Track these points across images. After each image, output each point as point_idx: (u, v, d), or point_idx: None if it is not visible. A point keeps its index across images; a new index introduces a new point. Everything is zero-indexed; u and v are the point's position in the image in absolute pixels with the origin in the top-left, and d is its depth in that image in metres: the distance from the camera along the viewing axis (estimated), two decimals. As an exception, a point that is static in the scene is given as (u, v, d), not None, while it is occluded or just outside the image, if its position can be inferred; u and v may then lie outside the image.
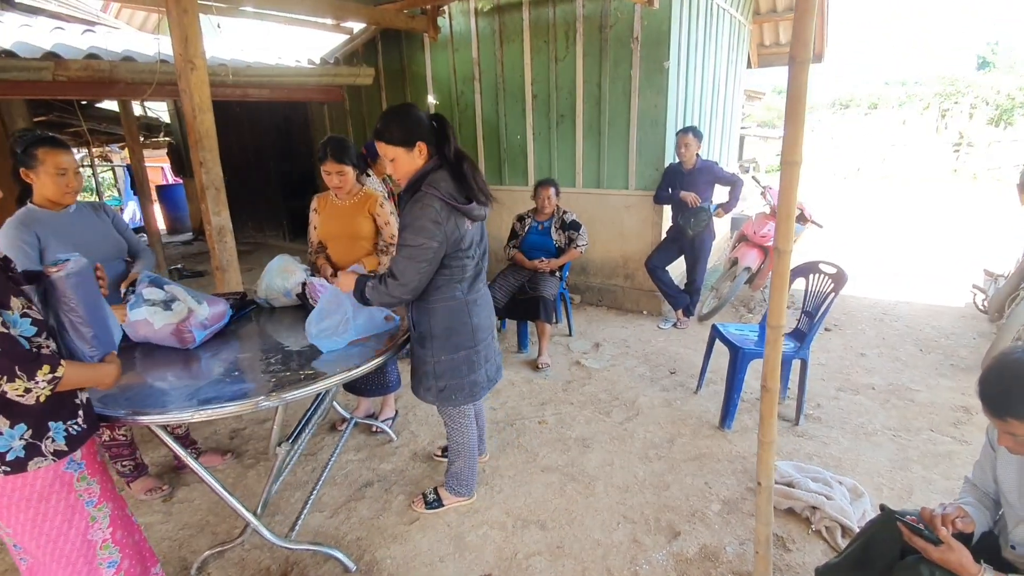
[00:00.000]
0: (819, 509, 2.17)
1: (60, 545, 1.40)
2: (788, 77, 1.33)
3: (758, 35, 7.40)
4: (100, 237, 2.16)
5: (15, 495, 1.31)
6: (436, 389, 2.06)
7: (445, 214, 1.78)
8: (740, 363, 2.85)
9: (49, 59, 3.28)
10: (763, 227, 4.60)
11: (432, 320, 1.96)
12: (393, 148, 1.83)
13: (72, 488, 1.39)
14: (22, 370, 1.18)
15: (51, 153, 1.95)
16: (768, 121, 28.24)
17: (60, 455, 1.34)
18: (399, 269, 1.81)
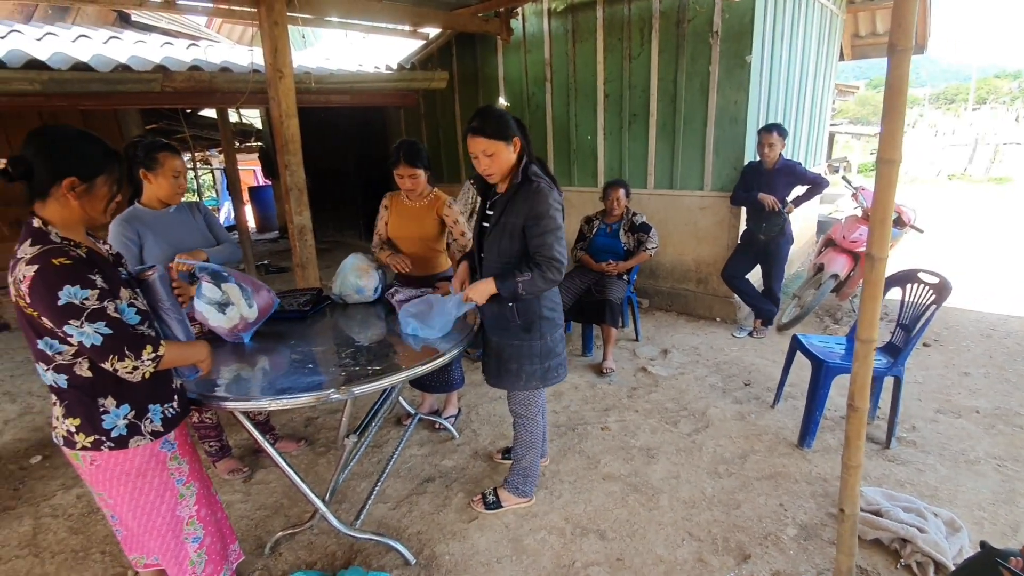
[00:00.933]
0: (910, 542, 1.97)
1: (152, 519, 1.52)
2: (888, 67, 1.21)
3: (852, 25, 6.89)
4: (193, 235, 2.32)
5: (116, 469, 1.44)
6: (542, 371, 2.12)
7: (560, 197, 1.97)
8: (824, 378, 2.64)
9: (158, 71, 3.62)
10: (854, 231, 4.26)
11: (541, 302, 2.07)
12: (494, 143, 1.91)
13: (165, 466, 1.50)
14: (130, 350, 1.30)
15: (170, 157, 2.16)
16: (862, 117, 26.27)
17: (156, 435, 1.47)
18: (557, 252, 1.91)
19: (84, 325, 1.25)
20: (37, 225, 1.31)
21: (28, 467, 2.80)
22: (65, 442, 1.41)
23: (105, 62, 3.52)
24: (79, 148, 1.33)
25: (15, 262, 1.27)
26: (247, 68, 4.02)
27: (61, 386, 1.37)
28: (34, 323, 1.30)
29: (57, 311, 1.24)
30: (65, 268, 1.25)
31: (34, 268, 1.23)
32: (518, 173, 1.95)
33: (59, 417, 1.41)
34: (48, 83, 3.25)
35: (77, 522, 2.36)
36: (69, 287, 1.24)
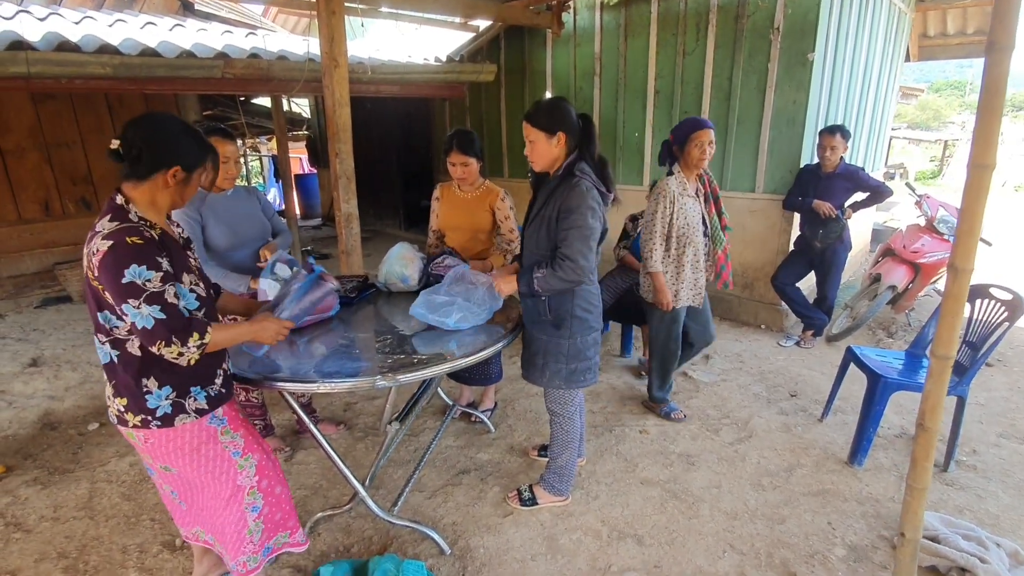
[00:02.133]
0: (969, 572, 1.86)
1: (214, 488, 1.58)
2: (985, 66, 1.13)
3: (921, 24, 6.53)
4: (249, 218, 2.39)
5: (170, 445, 1.49)
6: (567, 371, 2.09)
7: (599, 198, 1.93)
8: (880, 393, 2.52)
9: (219, 58, 3.73)
10: (915, 241, 4.05)
11: (574, 302, 2.03)
12: (536, 131, 1.95)
13: (217, 440, 1.55)
14: (177, 337, 1.33)
15: (220, 142, 2.18)
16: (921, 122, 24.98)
17: (201, 413, 1.51)
18: (575, 250, 1.88)
19: (141, 306, 1.30)
20: (120, 202, 1.37)
21: (86, 433, 2.94)
22: (118, 420, 1.48)
23: (170, 48, 3.65)
24: (187, 140, 1.42)
25: (93, 235, 1.33)
26: (303, 57, 4.10)
27: (113, 361, 1.42)
28: (98, 295, 1.36)
29: (120, 288, 1.28)
30: (136, 247, 1.29)
31: (108, 243, 1.28)
32: (562, 167, 1.96)
33: (110, 396, 1.48)
34: (118, 67, 3.39)
35: (129, 488, 2.46)
36: (136, 266, 1.28)
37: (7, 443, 2.85)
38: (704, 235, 2.84)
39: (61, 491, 2.45)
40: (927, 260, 4.06)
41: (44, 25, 3.75)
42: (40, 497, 2.41)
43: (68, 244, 5.22)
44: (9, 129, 4.78)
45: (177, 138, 1.40)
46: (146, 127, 1.37)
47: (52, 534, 2.18)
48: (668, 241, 2.71)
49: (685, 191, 2.69)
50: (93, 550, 2.10)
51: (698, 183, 2.83)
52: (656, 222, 2.66)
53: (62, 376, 3.60)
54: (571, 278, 1.91)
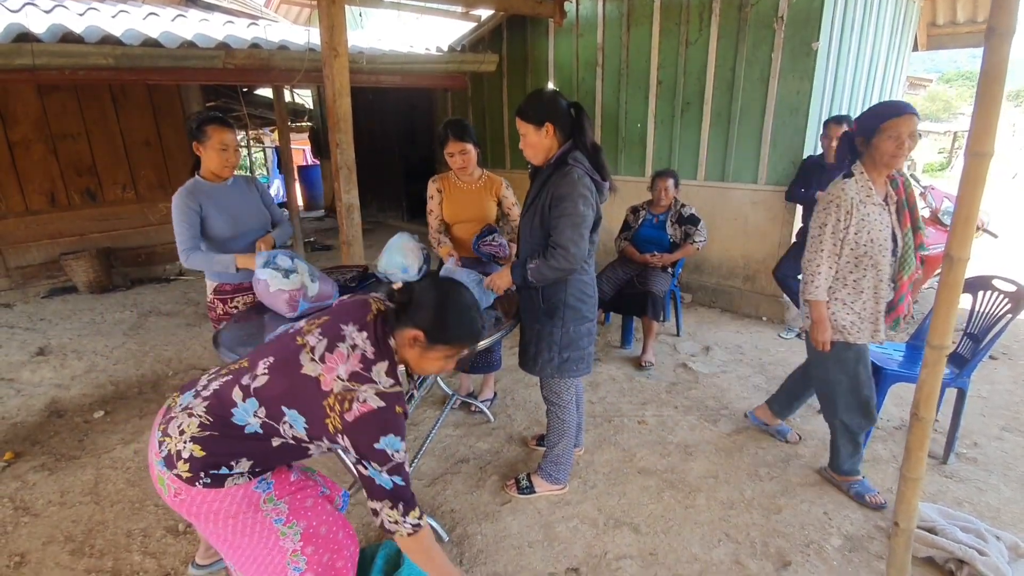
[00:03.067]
0: (968, 564, 1.86)
1: (252, 553, 1.39)
2: (984, 53, 1.12)
3: (930, 12, 6.43)
4: (250, 208, 2.39)
5: (204, 508, 1.33)
6: (559, 360, 2.09)
7: (591, 185, 1.91)
8: (880, 385, 2.51)
9: (220, 49, 3.73)
10: (919, 233, 4.02)
11: (567, 291, 2.03)
12: (525, 124, 1.97)
13: (259, 508, 1.37)
14: (405, 508, 1.33)
15: (217, 130, 2.20)
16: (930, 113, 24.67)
17: (254, 475, 1.36)
18: (567, 238, 1.88)
19: (384, 473, 1.29)
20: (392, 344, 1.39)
21: (91, 421, 2.98)
22: (166, 460, 1.31)
23: (172, 39, 3.65)
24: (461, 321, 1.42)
25: (361, 376, 1.29)
26: (303, 47, 4.10)
27: (244, 433, 1.31)
28: (315, 414, 1.28)
29: (371, 451, 1.27)
30: (399, 420, 1.30)
31: (381, 403, 1.27)
32: (555, 157, 1.96)
33: (184, 432, 1.30)
34: (121, 58, 3.41)
35: (134, 475, 2.50)
36: (393, 437, 1.29)
37: (15, 430, 2.90)
38: (892, 254, 2.16)
39: (68, 477, 2.49)
40: (931, 252, 4.02)
41: (50, 17, 3.77)
42: (47, 482, 2.45)
43: (74, 235, 5.26)
44: (16, 121, 4.80)
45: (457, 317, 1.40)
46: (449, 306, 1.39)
47: (59, 518, 2.22)
48: (841, 261, 2.12)
49: (869, 198, 2.05)
50: (99, 534, 2.13)
51: (888, 187, 2.14)
52: (824, 237, 2.08)
53: (68, 365, 3.64)
54: (563, 266, 1.91)
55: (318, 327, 1.39)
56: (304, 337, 1.37)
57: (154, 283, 5.56)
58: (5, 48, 3.12)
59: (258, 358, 1.38)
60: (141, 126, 5.40)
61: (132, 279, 5.52)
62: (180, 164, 5.51)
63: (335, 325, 1.38)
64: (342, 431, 1.27)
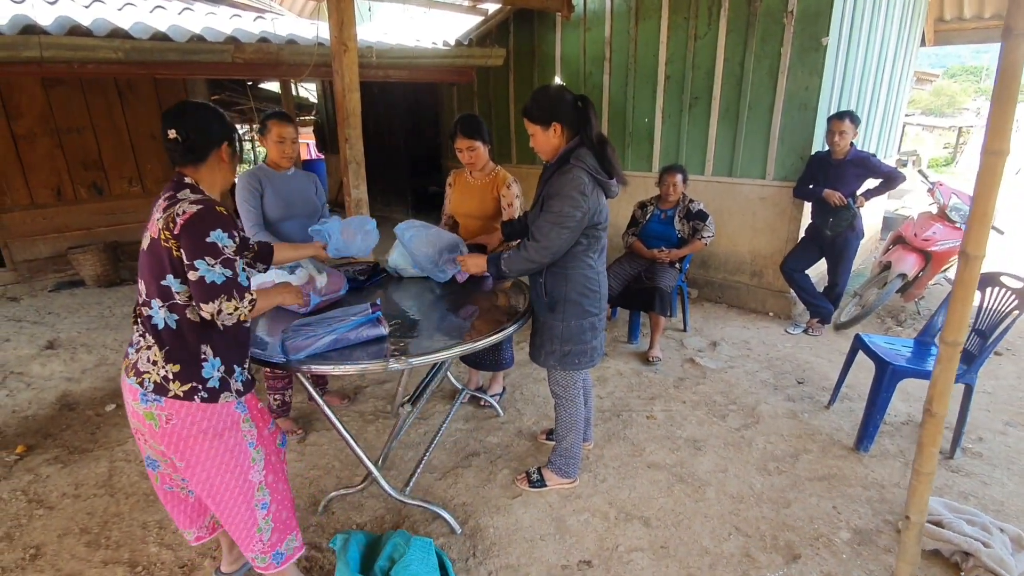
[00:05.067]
0: (973, 556, 1.88)
1: (226, 480, 1.54)
2: (1001, 52, 1.12)
3: (937, 8, 6.41)
4: (302, 196, 2.62)
5: (196, 428, 1.46)
6: (560, 353, 2.12)
7: (591, 187, 1.91)
8: (888, 381, 2.53)
9: (229, 43, 3.72)
10: (927, 229, 4.03)
11: (568, 285, 2.05)
12: (532, 125, 1.99)
13: (239, 428, 1.54)
14: (238, 293, 1.43)
15: (277, 125, 2.45)
16: (935, 108, 24.55)
17: (239, 395, 1.54)
18: (543, 232, 1.93)
19: (216, 265, 1.39)
20: (190, 182, 1.50)
21: (103, 414, 3.00)
22: (156, 388, 1.43)
23: (181, 32, 3.65)
24: (222, 119, 1.55)
25: (174, 202, 1.42)
26: (312, 41, 4.09)
27: (170, 326, 1.44)
28: (166, 258, 1.41)
29: (201, 245, 1.37)
30: (223, 216, 1.43)
31: (198, 207, 1.39)
32: (559, 155, 1.98)
33: (156, 362, 1.44)
34: (130, 52, 3.40)
35: (147, 468, 2.52)
36: (221, 231, 1.40)
37: (27, 423, 2.92)
38: None
39: (81, 469, 2.52)
40: (938, 248, 4.03)
41: (55, 9, 3.76)
42: (61, 475, 2.48)
43: (80, 229, 5.28)
44: (21, 114, 4.81)
45: (217, 118, 1.53)
46: (191, 115, 1.50)
47: (74, 510, 2.25)
48: None
49: None
50: (114, 526, 2.16)
51: None
52: None
53: (78, 358, 3.66)
54: (534, 258, 1.96)
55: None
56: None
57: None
58: (11, 40, 3.11)
59: (139, 277, 1.53)
60: (147, 119, 5.40)
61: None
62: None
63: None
64: (178, 247, 1.39)
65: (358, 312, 1.90)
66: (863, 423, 2.65)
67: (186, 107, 1.52)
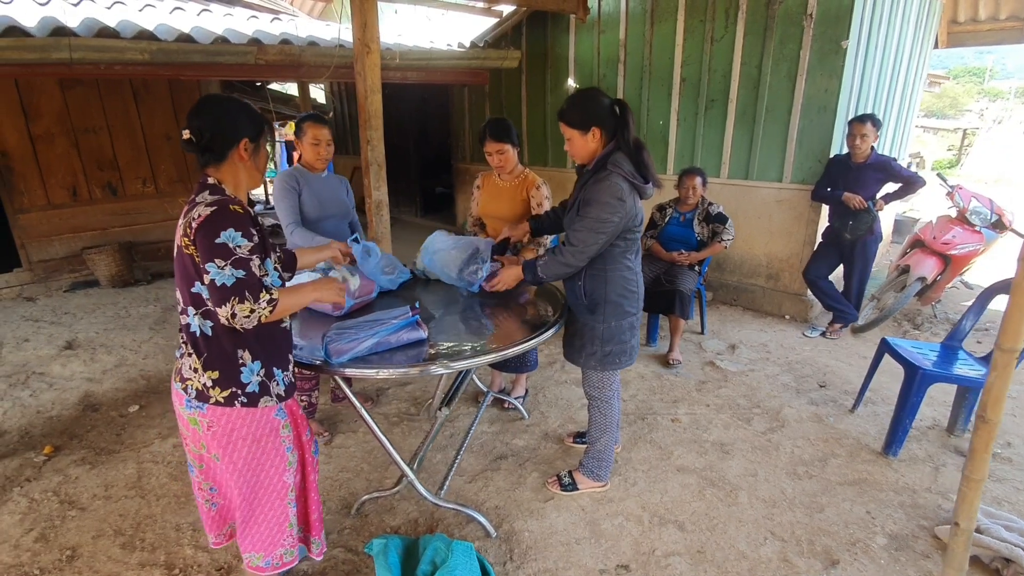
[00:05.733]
0: (1015, 563, 1.88)
1: (264, 484, 1.57)
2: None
3: (952, 9, 6.40)
4: (335, 197, 2.67)
5: (236, 434, 1.48)
6: (601, 354, 2.13)
7: (628, 192, 1.92)
8: (919, 385, 2.52)
9: (252, 44, 3.73)
10: (946, 232, 4.02)
11: (608, 287, 2.06)
12: (570, 130, 1.98)
13: (278, 434, 1.55)
14: (251, 294, 1.37)
15: (312, 127, 2.50)
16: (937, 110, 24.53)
17: (280, 399, 1.54)
18: (579, 238, 1.94)
19: (226, 267, 1.33)
20: (212, 182, 1.45)
21: (127, 415, 3.00)
22: (198, 395, 1.45)
23: (204, 34, 3.65)
24: (243, 113, 1.47)
25: (192, 206, 1.40)
26: (332, 43, 4.09)
27: (206, 333, 1.44)
28: (191, 266, 1.40)
29: (211, 247, 1.33)
30: (236, 215, 1.37)
31: (211, 209, 1.35)
32: (596, 160, 1.99)
33: (196, 369, 1.45)
34: (156, 53, 3.40)
35: (176, 469, 2.52)
36: (232, 231, 1.35)
37: (52, 423, 2.92)
38: None
39: (110, 471, 2.51)
40: (958, 252, 4.03)
41: (79, 11, 3.76)
42: (90, 476, 2.47)
43: (95, 229, 5.28)
44: (39, 115, 4.81)
45: (237, 114, 1.46)
46: (209, 112, 1.44)
47: (106, 512, 2.25)
48: None
49: None
50: (148, 528, 2.16)
51: None
52: None
53: (98, 359, 3.66)
54: (570, 262, 1.98)
55: None
56: None
57: (174, 277, 5.57)
58: (43, 42, 3.13)
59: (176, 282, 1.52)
60: (162, 120, 5.40)
61: (152, 273, 5.53)
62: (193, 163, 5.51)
63: None
64: (196, 249, 1.37)
65: (398, 315, 1.90)
66: (892, 427, 2.65)
67: (204, 103, 1.47)
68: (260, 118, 1.51)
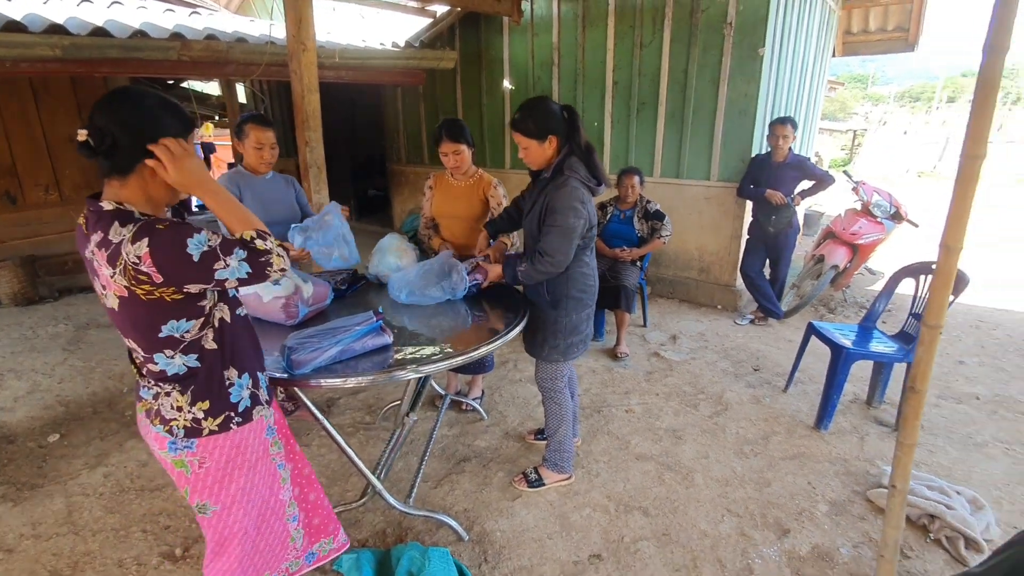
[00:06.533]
0: (939, 518, 2.10)
1: (260, 509, 1.50)
2: (981, 66, 1.27)
3: (846, 21, 7.05)
4: (282, 202, 2.54)
5: (233, 458, 1.38)
6: (564, 345, 2.20)
7: (586, 196, 2.00)
8: (844, 363, 2.77)
9: (175, 39, 3.46)
10: (854, 223, 4.43)
11: (569, 284, 2.14)
12: (527, 139, 2.01)
13: (269, 453, 1.48)
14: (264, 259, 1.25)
15: (256, 129, 2.36)
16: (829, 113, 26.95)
17: (268, 403, 1.47)
18: (553, 247, 1.98)
19: (229, 261, 1.19)
20: (111, 207, 1.17)
21: (47, 445, 2.71)
22: (188, 432, 1.32)
23: (121, 28, 3.34)
24: (166, 113, 1.20)
25: (110, 251, 1.13)
26: (262, 39, 3.89)
27: (192, 366, 1.30)
28: (157, 309, 1.19)
29: (199, 263, 1.15)
30: (174, 225, 1.16)
31: (145, 239, 1.11)
32: (553, 166, 2.04)
33: (182, 407, 1.31)
34: (69, 48, 3.07)
35: (110, 500, 2.31)
36: (190, 239, 1.15)
37: (-47, 462, 2.59)
38: None
39: (35, 507, 2.26)
40: (864, 241, 4.45)
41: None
42: (13, 515, 2.22)
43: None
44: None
45: (156, 114, 1.18)
46: (115, 110, 1.15)
47: (37, 552, 2.02)
48: None
49: None
50: (87, 566, 1.97)
51: None
52: None
53: (7, 386, 3.28)
54: (547, 270, 2.04)
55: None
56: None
57: (84, 293, 5.08)
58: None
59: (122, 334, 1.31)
60: (64, 121, 4.91)
61: (59, 289, 5.01)
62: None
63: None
64: (176, 290, 1.19)
65: (361, 321, 1.84)
66: (822, 404, 2.88)
67: (114, 97, 1.17)
68: (189, 120, 1.26)
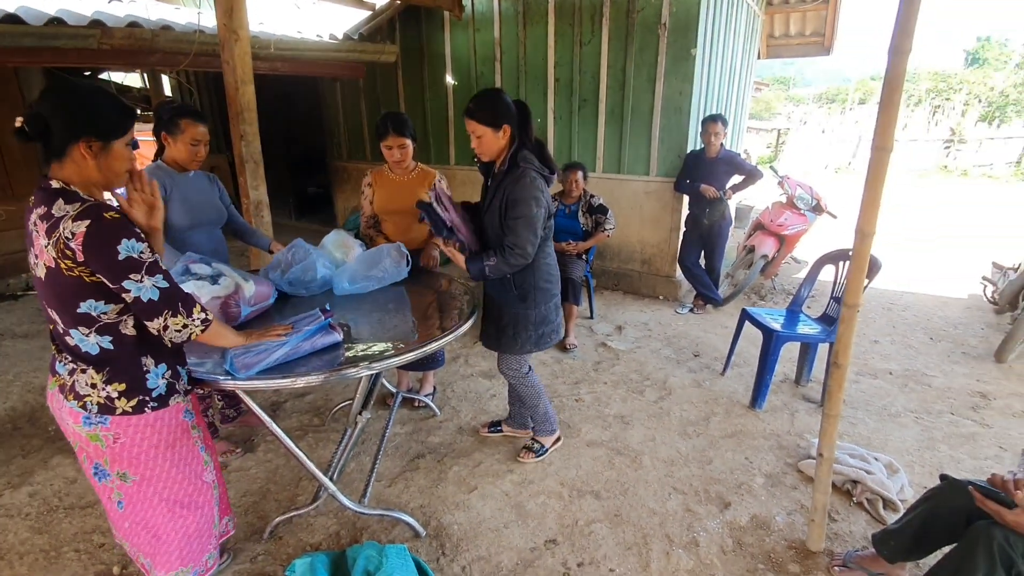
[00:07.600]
0: (860, 483, 2.30)
1: (186, 488, 1.56)
2: (887, 67, 1.41)
3: (769, 26, 7.47)
4: (208, 202, 2.39)
5: (147, 442, 1.43)
6: (536, 337, 2.26)
7: (543, 185, 2.05)
8: (775, 345, 2.96)
9: (95, 27, 3.21)
10: (780, 216, 4.72)
11: (536, 275, 2.18)
12: (482, 127, 2.02)
13: (190, 434, 1.55)
14: (183, 307, 1.31)
15: (192, 125, 2.20)
16: (755, 112, 28.55)
17: (187, 393, 1.52)
18: (523, 239, 2.01)
19: (144, 279, 1.26)
20: (58, 186, 1.26)
21: (-46, 469, 2.48)
22: (101, 409, 1.36)
23: (35, 15, 3.06)
24: (96, 105, 1.28)
25: (54, 220, 1.21)
26: (190, 27, 3.67)
27: (105, 348, 1.34)
28: (78, 287, 1.26)
29: (118, 265, 1.22)
30: (118, 222, 1.23)
31: (86, 222, 1.19)
32: (508, 158, 2.07)
33: (96, 384, 1.35)
34: (-26, 36, 2.79)
35: (37, 521, 2.14)
36: (126, 240, 1.23)
37: None
38: None
39: (-56, 537, 2.07)
40: (790, 232, 4.75)
41: None
42: (-84, 547, 2.01)
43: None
44: None
45: (85, 105, 1.25)
46: (50, 98, 1.24)
47: (-51, 585, 1.85)
48: None
49: None
50: (11, 594, 1.82)
51: None
52: None
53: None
54: (518, 263, 2.07)
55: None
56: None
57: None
58: None
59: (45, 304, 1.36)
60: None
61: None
62: (20, 160, 4.62)
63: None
64: (91, 273, 1.24)
65: (310, 319, 1.80)
66: (756, 384, 3.07)
67: (52, 86, 1.29)
68: (125, 114, 1.31)
